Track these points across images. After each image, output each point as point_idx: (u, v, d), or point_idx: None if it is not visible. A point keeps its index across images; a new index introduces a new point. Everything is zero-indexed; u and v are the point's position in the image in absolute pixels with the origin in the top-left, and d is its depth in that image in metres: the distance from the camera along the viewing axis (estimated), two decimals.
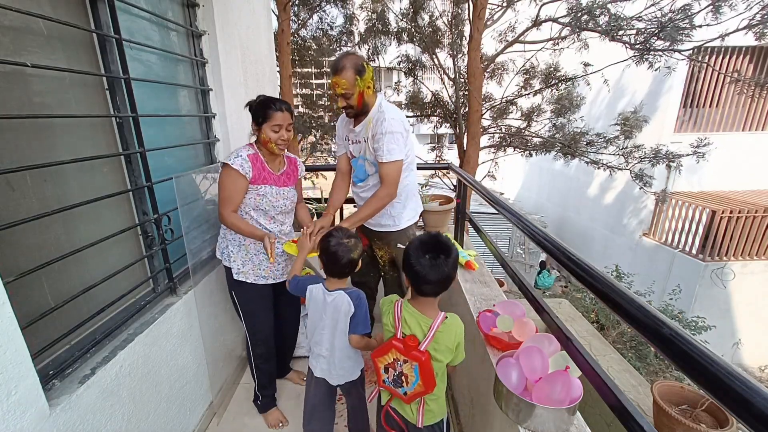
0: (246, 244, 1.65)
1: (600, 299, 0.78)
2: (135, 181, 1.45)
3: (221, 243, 1.71)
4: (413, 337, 1.13)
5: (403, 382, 1.15)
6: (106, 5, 1.30)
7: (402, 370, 1.14)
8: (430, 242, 1.13)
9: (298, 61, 6.60)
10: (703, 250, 5.85)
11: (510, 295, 3.60)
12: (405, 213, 1.86)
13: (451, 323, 1.15)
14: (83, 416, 1.10)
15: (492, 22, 5.62)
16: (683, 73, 6.16)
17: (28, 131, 1.07)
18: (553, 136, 5.68)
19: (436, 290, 1.14)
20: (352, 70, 1.56)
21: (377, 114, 1.67)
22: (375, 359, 1.20)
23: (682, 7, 4.21)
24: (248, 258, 1.66)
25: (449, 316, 1.16)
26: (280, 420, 1.89)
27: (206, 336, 1.83)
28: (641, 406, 2.13)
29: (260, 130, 1.55)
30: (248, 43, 2.34)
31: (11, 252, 1.01)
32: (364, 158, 1.77)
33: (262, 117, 1.53)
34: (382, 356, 1.17)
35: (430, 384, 1.11)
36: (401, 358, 1.13)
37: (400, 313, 1.17)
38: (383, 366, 1.19)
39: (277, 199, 1.63)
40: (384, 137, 1.61)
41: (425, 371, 1.10)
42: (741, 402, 0.47)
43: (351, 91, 1.59)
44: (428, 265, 1.09)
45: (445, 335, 1.12)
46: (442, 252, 1.10)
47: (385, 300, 1.27)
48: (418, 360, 1.09)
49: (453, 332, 1.14)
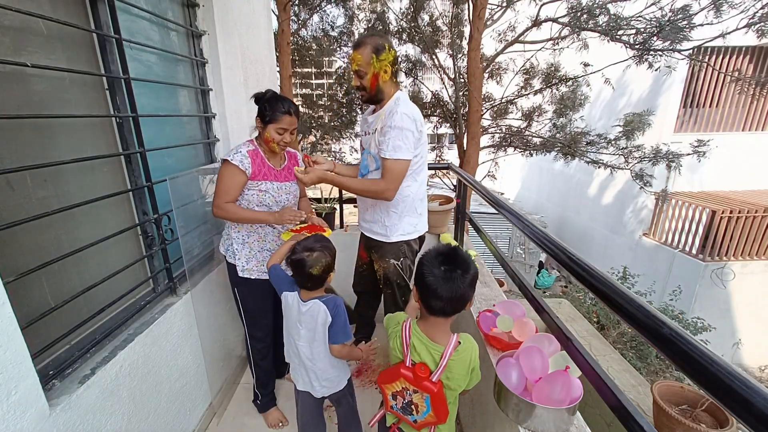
0: (250, 242, 1.65)
1: (600, 299, 0.78)
2: (135, 181, 1.45)
3: (225, 241, 1.70)
4: (424, 366, 1.02)
5: (413, 410, 1.07)
6: (106, 5, 1.30)
7: (412, 400, 1.05)
8: (448, 254, 1.00)
9: (298, 61, 6.60)
10: (703, 250, 5.84)
11: (510, 295, 3.60)
12: (399, 226, 1.71)
13: (465, 348, 1.03)
14: (83, 416, 1.10)
15: (492, 22, 5.62)
16: (683, 73, 6.16)
17: (28, 131, 1.07)
18: (554, 136, 5.67)
19: (446, 309, 1.00)
20: (370, 48, 1.50)
21: (392, 106, 1.57)
22: (382, 386, 1.11)
23: (682, 6, 4.21)
24: (252, 255, 1.65)
25: (462, 339, 1.04)
26: (280, 420, 1.88)
27: (206, 336, 1.83)
28: (641, 406, 2.13)
29: (264, 128, 1.53)
30: (248, 43, 2.34)
31: (11, 252, 1.01)
32: (368, 152, 1.67)
33: (269, 116, 1.50)
34: (390, 383, 1.08)
35: (442, 414, 1.02)
36: (410, 388, 1.04)
37: (408, 338, 1.06)
38: (391, 393, 1.10)
39: (279, 194, 1.62)
40: (391, 131, 1.51)
41: (438, 402, 1.01)
42: (741, 402, 0.47)
43: (365, 69, 1.52)
44: (442, 277, 0.96)
45: (458, 364, 1.02)
46: (460, 266, 0.98)
47: (390, 319, 1.16)
48: (429, 392, 1.00)
49: (467, 358, 1.03)
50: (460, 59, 5.81)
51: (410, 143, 1.53)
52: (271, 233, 1.68)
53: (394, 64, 1.57)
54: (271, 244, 1.68)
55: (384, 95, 1.60)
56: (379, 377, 1.11)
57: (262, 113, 1.53)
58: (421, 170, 1.71)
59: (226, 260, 1.69)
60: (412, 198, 1.70)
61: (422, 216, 1.79)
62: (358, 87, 1.59)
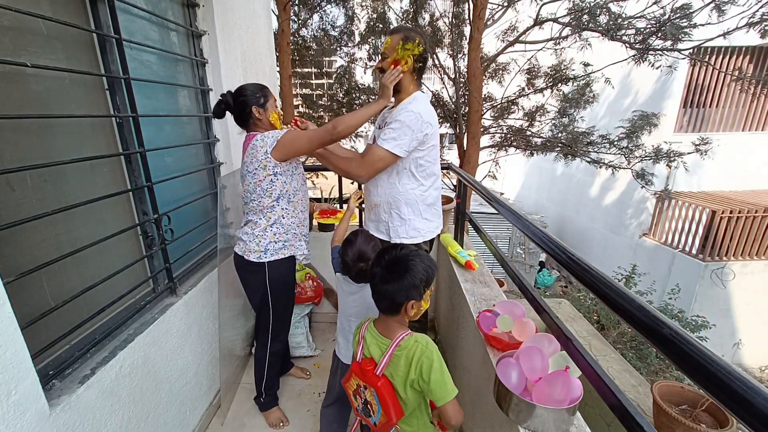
0: (297, 225, 1.67)
1: (600, 299, 0.78)
2: (135, 181, 1.45)
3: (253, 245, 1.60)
4: (370, 360, 1.02)
5: (370, 411, 1.05)
6: (106, 5, 1.30)
7: (365, 398, 1.04)
8: (391, 256, 1.01)
9: (298, 61, 6.60)
10: (703, 250, 5.84)
11: (510, 295, 3.60)
12: (402, 230, 1.66)
13: (407, 345, 0.99)
14: (83, 416, 1.11)
15: (492, 22, 5.62)
16: (683, 74, 6.16)
17: (28, 131, 1.07)
18: (556, 135, 5.67)
19: (381, 306, 1.03)
20: (400, 35, 1.50)
21: (407, 103, 1.56)
22: (345, 384, 1.12)
23: (682, 6, 4.21)
24: (300, 241, 1.70)
25: (412, 338, 1.01)
26: (281, 419, 1.89)
27: (206, 336, 1.83)
28: (641, 406, 2.13)
29: (266, 110, 1.58)
30: (248, 43, 2.35)
31: (11, 252, 1.01)
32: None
33: (263, 98, 1.58)
34: (347, 382, 1.10)
35: (392, 414, 0.99)
36: (362, 384, 1.04)
37: (363, 332, 1.09)
38: (352, 392, 1.10)
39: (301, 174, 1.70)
40: (393, 123, 1.49)
41: (384, 399, 0.99)
42: (741, 402, 0.47)
43: (389, 53, 1.53)
44: (379, 276, 0.99)
45: (402, 360, 0.99)
46: (397, 271, 0.98)
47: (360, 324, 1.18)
48: (373, 385, 0.99)
49: (411, 355, 0.98)
50: (460, 59, 5.81)
51: (406, 141, 1.48)
52: (306, 218, 1.73)
53: (419, 60, 1.55)
54: (306, 229, 1.75)
55: (401, 87, 1.56)
56: (343, 378, 1.13)
57: (254, 103, 1.57)
58: (429, 175, 1.65)
59: (265, 264, 1.61)
60: (415, 200, 1.65)
61: (430, 221, 1.73)
62: (380, 69, 1.57)
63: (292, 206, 1.63)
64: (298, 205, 1.66)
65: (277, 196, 1.56)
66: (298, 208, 1.66)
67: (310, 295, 2.41)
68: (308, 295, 2.40)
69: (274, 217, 1.59)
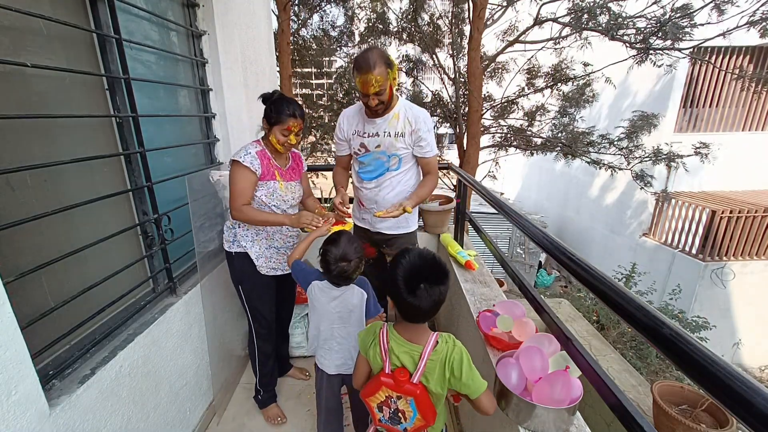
0: (258, 239, 1.67)
1: (600, 299, 0.78)
2: (135, 181, 1.45)
3: (229, 236, 1.69)
4: (403, 370, 1.00)
5: (401, 418, 1.04)
6: (106, 5, 1.30)
7: (398, 407, 1.02)
8: (425, 267, 0.96)
9: (298, 61, 6.60)
10: (703, 250, 5.84)
11: (510, 295, 3.60)
12: (414, 215, 1.88)
13: (442, 349, 0.99)
14: (83, 416, 1.10)
15: (492, 22, 5.62)
16: (683, 73, 6.16)
17: (28, 131, 1.07)
18: (556, 135, 5.66)
19: (429, 317, 0.98)
20: (384, 65, 1.46)
21: (407, 109, 1.64)
22: (366, 399, 1.08)
23: (682, 5, 4.21)
24: (261, 252, 1.68)
25: (442, 339, 1.01)
26: (279, 416, 1.91)
27: (206, 336, 1.83)
28: (641, 406, 2.13)
29: (270, 129, 1.56)
30: (248, 43, 2.35)
31: (11, 252, 1.01)
32: (384, 153, 1.68)
33: (275, 119, 1.54)
34: (373, 395, 1.05)
35: (430, 416, 1.00)
36: (394, 395, 1.01)
37: (386, 343, 1.03)
38: (376, 405, 1.06)
39: (286, 193, 1.65)
40: (430, 133, 1.67)
41: (423, 404, 0.98)
42: (741, 402, 0.47)
43: (385, 86, 1.48)
44: (425, 296, 0.93)
45: (438, 364, 0.98)
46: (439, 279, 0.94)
47: (366, 332, 1.13)
48: (412, 394, 0.98)
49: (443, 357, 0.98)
50: (460, 59, 5.81)
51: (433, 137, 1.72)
52: (279, 231, 1.71)
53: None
54: (279, 242, 1.72)
55: (393, 100, 1.64)
56: (363, 391, 1.08)
57: (267, 114, 1.55)
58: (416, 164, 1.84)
59: (233, 254, 1.67)
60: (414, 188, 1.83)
61: None
62: (377, 104, 1.54)
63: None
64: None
65: None
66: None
67: None
68: None
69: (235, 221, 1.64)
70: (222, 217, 1.93)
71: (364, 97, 1.54)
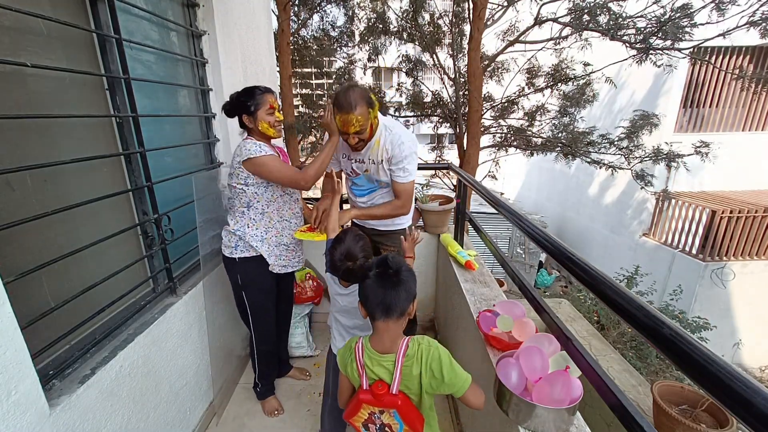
0: (268, 237, 1.66)
1: (600, 299, 0.78)
2: (135, 181, 1.46)
3: (230, 241, 1.65)
4: (381, 383, 0.97)
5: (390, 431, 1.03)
6: (106, 5, 1.30)
7: (383, 422, 1.00)
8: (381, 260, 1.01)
9: (298, 61, 6.60)
10: (703, 250, 5.84)
11: (510, 295, 3.60)
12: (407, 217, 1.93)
13: (412, 353, 0.97)
14: (83, 416, 1.11)
15: (492, 22, 5.62)
16: (683, 73, 6.16)
17: (28, 131, 1.07)
18: (556, 135, 5.66)
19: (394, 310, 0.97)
20: (365, 104, 1.46)
21: (386, 135, 1.62)
22: (350, 420, 1.05)
23: (682, 5, 4.21)
24: (271, 251, 1.67)
25: (413, 342, 0.99)
26: (276, 408, 1.93)
27: (206, 336, 1.83)
28: (641, 406, 2.13)
29: (256, 118, 1.54)
30: (248, 43, 2.35)
31: (11, 252, 1.02)
32: (373, 176, 1.74)
33: (254, 105, 1.52)
34: (356, 415, 1.02)
35: (416, 423, 0.98)
36: (376, 410, 0.99)
37: (361, 358, 1.01)
38: (361, 424, 1.04)
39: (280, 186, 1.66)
40: (404, 161, 1.63)
41: (407, 414, 0.97)
42: (741, 402, 0.47)
43: (365, 125, 1.50)
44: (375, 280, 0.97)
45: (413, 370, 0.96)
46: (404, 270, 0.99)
47: (345, 348, 1.09)
48: (394, 406, 0.96)
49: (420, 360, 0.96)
50: (460, 59, 5.81)
51: (416, 164, 1.70)
52: (287, 227, 1.71)
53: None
54: (287, 239, 1.71)
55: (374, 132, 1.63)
56: (345, 413, 1.06)
57: (244, 108, 1.54)
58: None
59: (236, 260, 1.65)
60: None
61: None
62: (357, 142, 1.57)
63: (266, 218, 1.63)
64: (273, 216, 1.65)
65: (247, 203, 1.60)
66: (274, 218, 1.65)
67: (310, 295, 2.41)
68: (308, 295, 2.40)
69: (242, 222, 1.62)
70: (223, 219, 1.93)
71: (344, 135, 1.56)
